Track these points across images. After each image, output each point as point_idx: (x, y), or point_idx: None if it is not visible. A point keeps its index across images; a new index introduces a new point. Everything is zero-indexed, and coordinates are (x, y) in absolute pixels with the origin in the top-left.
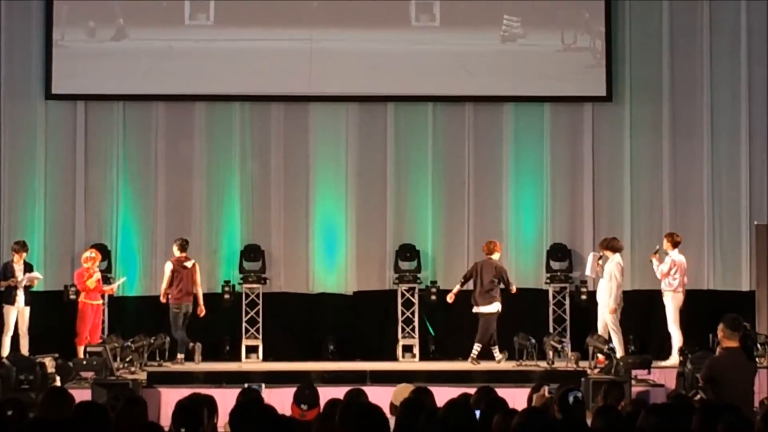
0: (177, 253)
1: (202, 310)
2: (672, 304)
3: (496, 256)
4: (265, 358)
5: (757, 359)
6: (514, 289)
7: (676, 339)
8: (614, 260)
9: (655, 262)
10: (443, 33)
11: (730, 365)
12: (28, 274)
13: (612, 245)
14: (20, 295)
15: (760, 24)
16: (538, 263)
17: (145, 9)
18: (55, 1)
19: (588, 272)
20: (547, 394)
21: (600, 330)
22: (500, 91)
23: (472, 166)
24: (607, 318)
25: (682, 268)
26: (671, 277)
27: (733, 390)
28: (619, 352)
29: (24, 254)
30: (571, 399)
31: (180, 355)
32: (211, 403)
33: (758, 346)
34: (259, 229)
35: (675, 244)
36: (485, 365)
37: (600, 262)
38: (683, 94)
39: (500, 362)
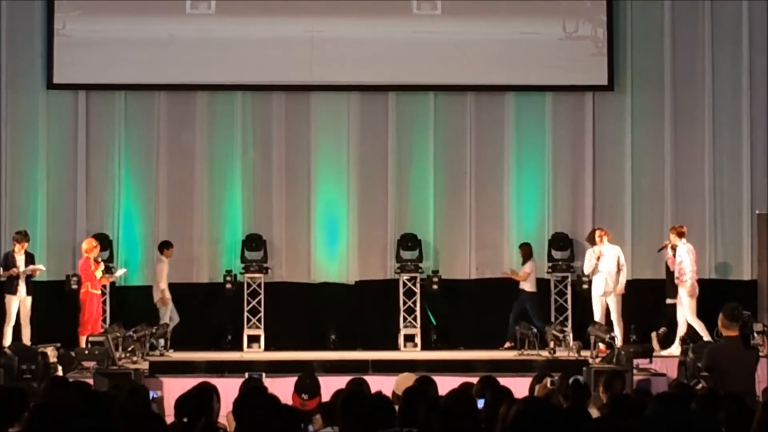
0: None
1: None
2: (686, 291)
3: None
4: (267, 348)
5: (759, 348)
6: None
7: (699, 329)
8: (612, 250)
9: (669, 252)
10: (445, 22)
11: (729, 354)
12: (31, 266)
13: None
14: (22, 285)
15: (762, 13)
16: (540, 253)
17: None
18: None
19: (586, 270)
20: (549, 385)
21: (597, 319)
22: (502, 80)
23: (473, 156)
24: (612, 306)
25: (690, 259)
26: (680, 267)
27: (734, 378)
28: (620, 341)
29: (26, 244)
30: (570, 381)
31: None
32: (213, 393)
33: (755, 334)
34: (261, 218)
35: (680, 235)
36: (487, 354)
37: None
38: (685, 83)
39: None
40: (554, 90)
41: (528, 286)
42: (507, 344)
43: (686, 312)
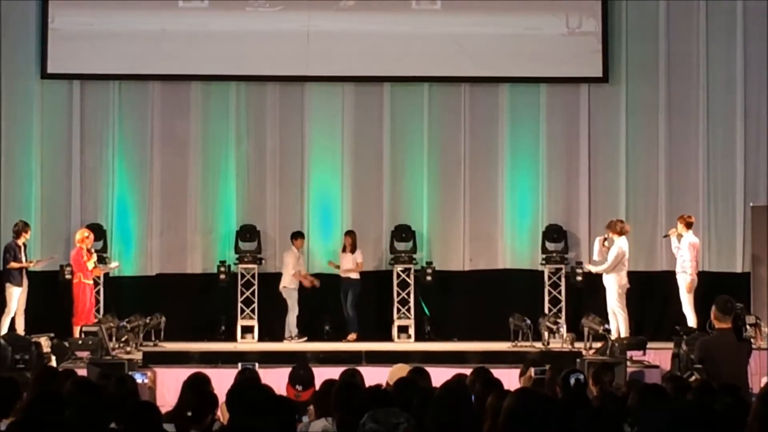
0: None
1: None
2: (684, 285)
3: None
4: (261, 339)
5: (751, 340)
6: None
7: (690, 321)
8: (618, 244)
9: (674, 240)
10: (444, 16)
11: (721, 346)
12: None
13: (618, 228)
14: (25, 277)
15: (756, 4)
16: (534, 244)
17: None
18: None
19: (595, 257)
20: (533, 375)
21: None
22: (496, 72)
23: (468, 147)
24: (610, 299)
25: (694, 250)
26: (682, 258)
27: (726, 370)
28: (624, 332)
29: (27, 235)
30: (572, 381)
31: None
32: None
33: (747, 327)
34: (255, 209)
35: (688, 226)
36: (480, 345)
37: (606, 244)
38: (679, 74)
39: None
40: (549, 82)
41: (355, 273)
42: (350, 336)
43: (682, 301)
